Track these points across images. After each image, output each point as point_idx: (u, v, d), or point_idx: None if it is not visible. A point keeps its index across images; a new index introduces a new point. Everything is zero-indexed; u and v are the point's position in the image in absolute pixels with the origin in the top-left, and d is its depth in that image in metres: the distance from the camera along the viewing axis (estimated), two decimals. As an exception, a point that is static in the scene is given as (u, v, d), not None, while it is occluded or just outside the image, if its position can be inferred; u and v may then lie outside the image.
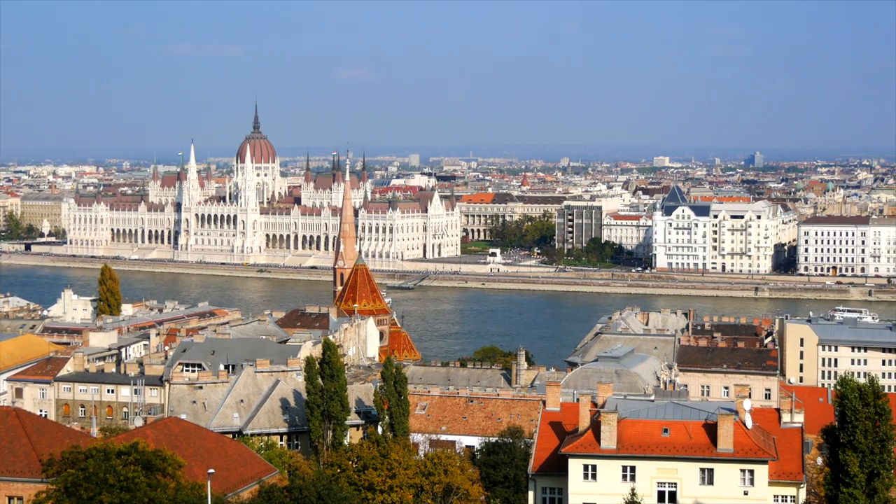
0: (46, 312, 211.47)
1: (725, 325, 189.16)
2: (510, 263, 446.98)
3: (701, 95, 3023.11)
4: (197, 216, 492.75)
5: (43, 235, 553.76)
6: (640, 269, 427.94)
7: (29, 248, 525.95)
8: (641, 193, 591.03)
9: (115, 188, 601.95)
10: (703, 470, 73.30)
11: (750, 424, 74.95)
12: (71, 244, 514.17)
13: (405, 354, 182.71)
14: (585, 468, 73.93)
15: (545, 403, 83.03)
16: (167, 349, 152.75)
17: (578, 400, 78.28)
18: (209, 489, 75.41)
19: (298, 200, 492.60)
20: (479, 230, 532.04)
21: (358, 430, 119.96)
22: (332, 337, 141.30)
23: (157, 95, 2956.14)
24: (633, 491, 71.30)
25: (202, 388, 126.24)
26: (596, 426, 74.26)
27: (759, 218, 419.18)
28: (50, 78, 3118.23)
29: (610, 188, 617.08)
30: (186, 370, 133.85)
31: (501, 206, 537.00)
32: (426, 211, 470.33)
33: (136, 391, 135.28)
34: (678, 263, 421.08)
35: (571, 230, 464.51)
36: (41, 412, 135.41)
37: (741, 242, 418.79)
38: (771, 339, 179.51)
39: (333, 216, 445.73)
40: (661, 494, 73.35)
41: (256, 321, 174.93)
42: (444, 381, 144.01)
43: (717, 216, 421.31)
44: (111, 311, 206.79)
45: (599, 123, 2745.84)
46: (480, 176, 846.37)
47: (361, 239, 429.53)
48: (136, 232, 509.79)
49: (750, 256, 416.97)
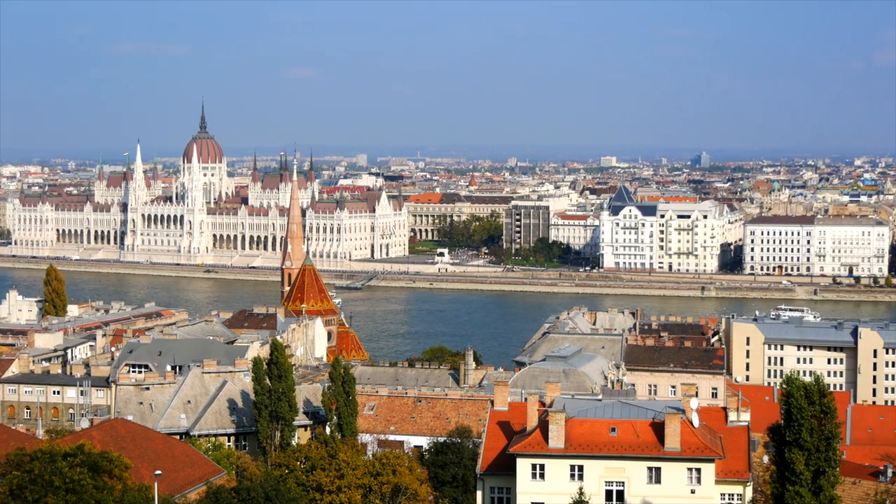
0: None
1: (672, 324, 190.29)
2: (458, 263, 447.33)
3: (647, 96, 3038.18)
4: (143, 216, 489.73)
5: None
6: (587, 268, 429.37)
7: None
8: (589, 193, 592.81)
9: (60, 188, 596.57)
10: (650, 469, 73.49)
11: (697, 423, 75.27)
12: (15, 245, 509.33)
13: (353, 355, 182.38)
14: (533, 467, 73.92)
15: (493, 403, 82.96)
16: (113, 350, 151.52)
17: (526, 399, 78.21)
18: (156, 491, 74.93)
19: (246, 200, 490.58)
20: (426, 230, 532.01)
21: (306, 430, 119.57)
22: (279, 337, 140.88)
23: (102, 95, 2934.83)
24: (580, 490, 71.40)
25: (149, 389, 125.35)
26: (544, 426, 74.28)
27: (705, 218, 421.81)
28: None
29: (557, 188, 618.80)
30: (133, 371, 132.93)
31: (449, 206, 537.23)
32: (374, 211, 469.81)
33: (82, 392, 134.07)
34: (625, 263, 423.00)
35: (519, 230, 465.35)
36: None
37: (688, 242, 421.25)
38: (717, 338, 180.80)
39: (281, 216, 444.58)
40: (608, 493, 73.45)
41: (203, 322, 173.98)
42: (392, 381, 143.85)
43: (663, 216, 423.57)
44: (57, 311, 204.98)
45: (547, 123, 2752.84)
46: (428, 176, 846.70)
47: (309, 239, 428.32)
48: (81, 232, 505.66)
49: (696, 256, 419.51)
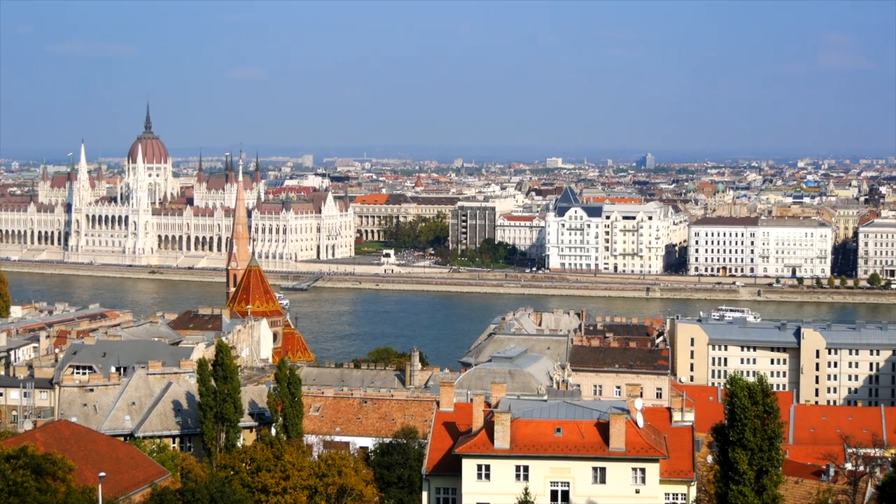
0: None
1: (617, 325, 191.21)
2: (404, 264, 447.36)
3: (593, 97, 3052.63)
4: (88, 217, 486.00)
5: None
6: (533, 269, 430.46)
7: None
8: (534, 194, 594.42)
9: (3, 188, 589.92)
10: (595, 469, 73.76)
11: (641, 423, 75.66)
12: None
13: (299, 356, 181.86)
14: (479, 468, 74.02)
15: (439, 404, 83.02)
16: (57, 352, 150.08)
17: (472, 400, 78.27)
18: (100, 493, 74.43)
19: (191, 201, 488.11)
20: (373, 231, 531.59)
21: (251, 431, 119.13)
22: (225, 338, 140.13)
23: (46, 95, 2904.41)
24: (526, 490, 71.56)
25: (93, 390, 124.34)
26: (489, 426, 74.41)
27: (650, 219, 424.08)
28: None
29: (503, 189, 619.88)
30: (77, 373, 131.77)
31: (395, 206, 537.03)
32: (320, 212, 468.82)
33: (25, 394, 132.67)
34: (571, 264, 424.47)
35: (465, 231, 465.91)
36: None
37: (633, 243, 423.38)
38: (662, 338, 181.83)
39: (226, 217, 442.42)
40: (553, 494, 73.67)
41: (148, 323, 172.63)
42: (338, 382, 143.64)
43: (609, 217, 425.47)
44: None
45: (493, 125, 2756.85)
46: (374, 177, 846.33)
47: (255, 240, 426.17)
48: (24, 233, 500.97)
49: (641, 257, 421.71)
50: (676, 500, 76.54)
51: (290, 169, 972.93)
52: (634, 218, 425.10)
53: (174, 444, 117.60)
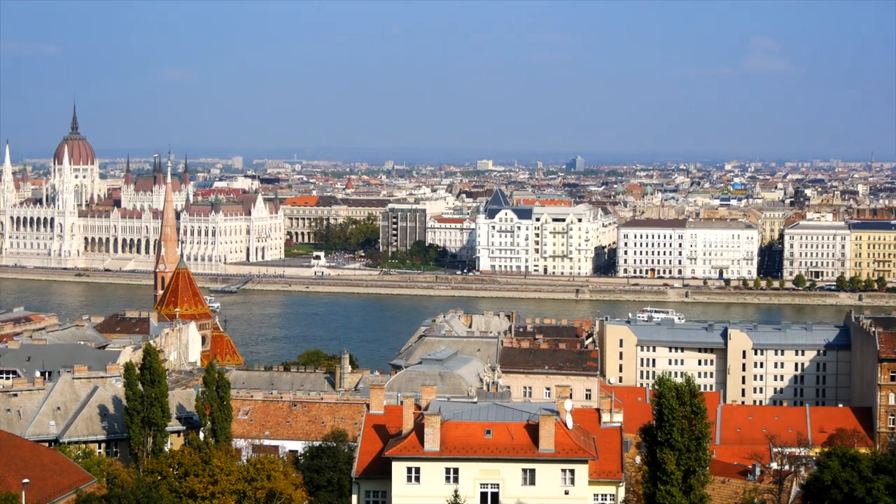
0: None
1: (547, 326, 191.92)
2: (335, 266, 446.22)
3: (523, 99, 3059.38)
4: (12, 219, 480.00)
5: None
6: (463, 271, 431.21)
7: None
8: (465, 196, 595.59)
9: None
10: (524, 470, 74.01)
11: (571, 425, 75.97)
12: None
13: (228, 359, 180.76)
14: (409, 471, 73.98)
15: (369, 406, 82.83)
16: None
17: (402, 403, 78.24)
18: (24, 500, 73.50)
19: (118, 203, 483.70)
20: (303, 233, 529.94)
21: (179, 436, 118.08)
22: (152, 342, 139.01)
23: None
24: (455, 492, 71.63)
25: (17, 395, 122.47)
26: (419, 429, 74.41)
27: (580, 221, 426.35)
28: None
29: (434, 191, 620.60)
30: (0, 377, 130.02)
31: (326, 208, 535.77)
32: (249, 214, 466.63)
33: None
34: (501, 266, 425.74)
35: (396, 233, 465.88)
36: None
37: (562, 245, 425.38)
38: (591, 340, 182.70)
39: (154, 219, 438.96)
40: (483, 495, 73.79)
41: (74, 326, 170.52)
42: (267, 385, 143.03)
43: (539, 219, 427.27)
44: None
45: (424, 126, 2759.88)
46: (305, 178, 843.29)
47: (183, 242, 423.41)
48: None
49: (571, 259, 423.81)
50: (605, 500, 76.92)
51: (219, 171, 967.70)
52: (564, 220, 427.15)
53: (100, 449, 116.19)
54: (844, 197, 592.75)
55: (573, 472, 74.15)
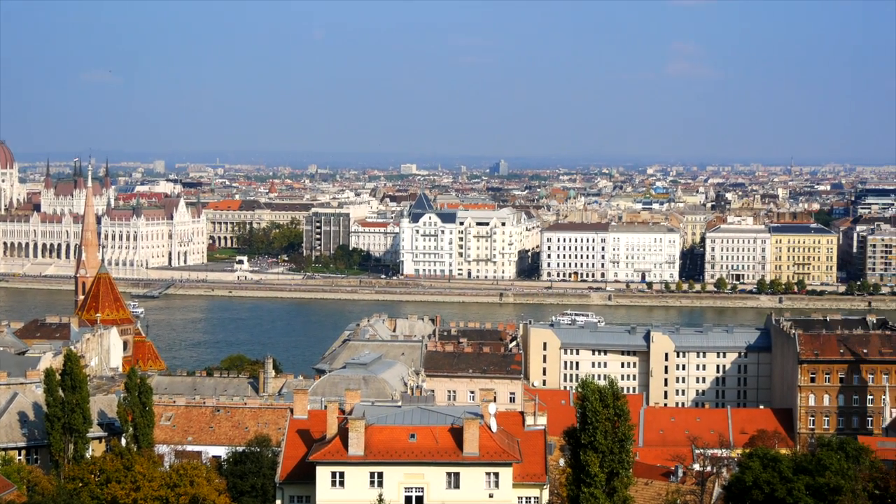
0: None
1: (471, 330, 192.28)
2: (258, 271, 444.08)
3: (446, 103, 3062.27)
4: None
5: None
6: (387, 275, 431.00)
7: None
8: (389, 201, 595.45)
9: None
10: (449, 474, 74.10)
11: (495, 428, 76.14)
12: None
13: (150, 364, 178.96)
14: (333, 475, 73.80)
15: (293, 411, 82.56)
16: None
17: (326, 407, 78.12)
18: (-59, 508, 72.33)
19: (38, 207, 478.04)
20: (226, 237, 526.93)
21: (101, 442, 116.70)
22: (73, 347, 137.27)
23: None
24: (380, 497, 71.58)
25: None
26: (343, 433, 74.28)
27: (503, 225, 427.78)
28: None
29: (358, 195, 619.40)
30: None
31: (249, 213, 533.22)
32: (171, 218, 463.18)
33: None
34: (425, 270, 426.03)
35: (319, 237, 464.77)
36: None
37: (486, 249, 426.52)
38: (515, 343, 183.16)
39: (75, 223, 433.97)
40: (408, 499, 73.80)
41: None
42: (190, 390, 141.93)
43: (462, 223, 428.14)
44: None
45: (347, 130, 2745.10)
46: (227, 183, 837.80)
47: (104, 247, 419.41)
48: None
49: (495, 263, 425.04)
50: (529, 503, 77.18)
51: (141, 175, 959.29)
52: (488, 224, 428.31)
53: (20, 456, 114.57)
54: (765, 201, 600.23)
55: (497, 475, 74.33)
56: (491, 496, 74.32)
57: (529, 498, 77.07)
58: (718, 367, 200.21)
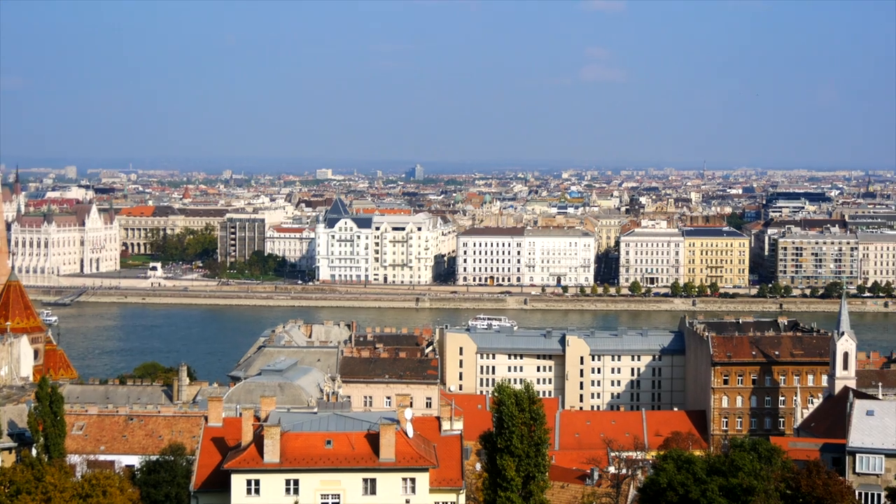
0: None
1: (387, 335, 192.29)
2: (172, 277, 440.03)
3: (362, 108, 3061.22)
4: None
5: None
6: (303, 281, 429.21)
7: None
8: (304, 206, 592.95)
9: None
10: (365, 480, 73.98)
11: (411, 433, 76.08)
12: None
13: (61, 373, 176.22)
14: (248, 483, 73.37)
15: (207, 419, 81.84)
16: None
17: (241, 414, 77.55)
18: None
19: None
20: (139, 244, 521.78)
21: (11, 453, 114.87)
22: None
23: None
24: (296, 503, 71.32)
25: None
26: (259, 440, 73.83)
27: (419, 230, 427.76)
28: None
29: (273, 201, 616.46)
30: None
31: (162, 219, 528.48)
32: (83, 224, 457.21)
33: None
34: (341, 275, 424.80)
35: (234, 243, 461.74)
36: None
37: (402, 254, 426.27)
38: (431, 348, 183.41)
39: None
40: (324, 506, 73.63)
41: None
42: (102, 399, 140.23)
43: (378, 228, 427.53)
44: None
45: (262, 135, 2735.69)
46: (140, 188, 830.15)
47: (14, 254, 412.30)
48: None
49: (411, 268, 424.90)
50: (446, 508, 77.17)
51: (52, 181, 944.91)
52: (404, 229, 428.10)
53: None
54: (678, 204, 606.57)
55: (414, 480, 74.29)
56: (407, 502, 74.27)
57: (446, 503, 77.06)
58: (633, 369, 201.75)
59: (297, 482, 73.43)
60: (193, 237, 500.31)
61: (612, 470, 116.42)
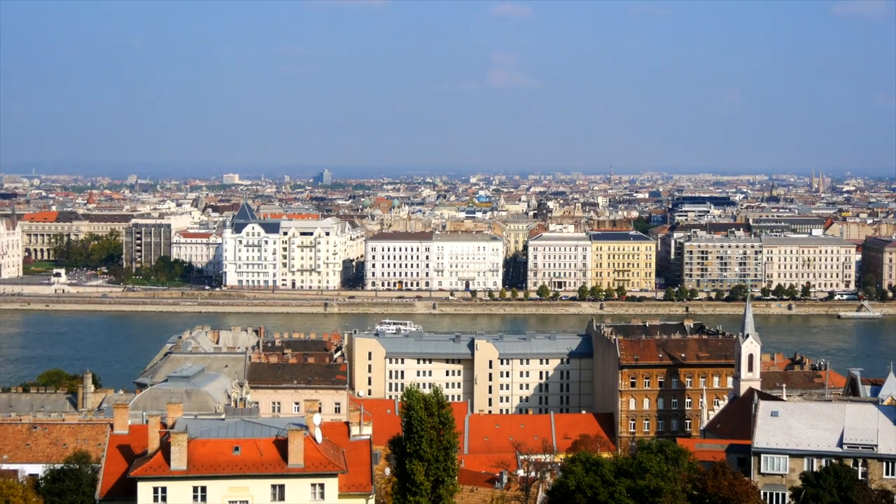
0: None
1: (296, 341, 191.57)
2: (76, 284, 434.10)
3: (269, 113, 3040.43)
4: None
5: None
6: (210, 287, 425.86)
7: None
8: (211, 211, 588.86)
9: None
10: (274, 486, 73.69)
11: (320, 439, 75.85)
12: None
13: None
14: (155, 490, 72.74)
15: (113, 427, 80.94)
16: None
17: (147, 422, 76.79)
18: None
19: None
20: (42, 250, 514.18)
21: None
22: None
23: None
24: (203, 511, 70.79)
25: None
26: (165, 448, 73.18)
27: (327, 235, 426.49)
28: None
29: (179, 206, 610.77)
30: None
31: (66, 224, 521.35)
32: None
33: None
34: (249, 281, 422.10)
35: (140, 249, 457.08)
36: None
37: (310, 259, 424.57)
38: (340, 353, 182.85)
39: None
40: (232, 513, 73.16)
41: None
42: (5, 407, 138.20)
43: (286, 233, 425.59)
44: None
45: (168, 140, 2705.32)
46: (44, 193, 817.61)
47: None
48: None
49: (319, 272, 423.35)
50: (355, 513, 77.00)
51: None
52: (312, 234, 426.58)
53: None
54: (585, 209, 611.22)
55: (323, 486, 74.10)
56: (317, 507, 74.02)
57: (355, 508, 76.93)
58: (542, 373, 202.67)
59: (204, 489, 72.90)
60: (98, 243, 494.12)
61: (520, 473, 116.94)
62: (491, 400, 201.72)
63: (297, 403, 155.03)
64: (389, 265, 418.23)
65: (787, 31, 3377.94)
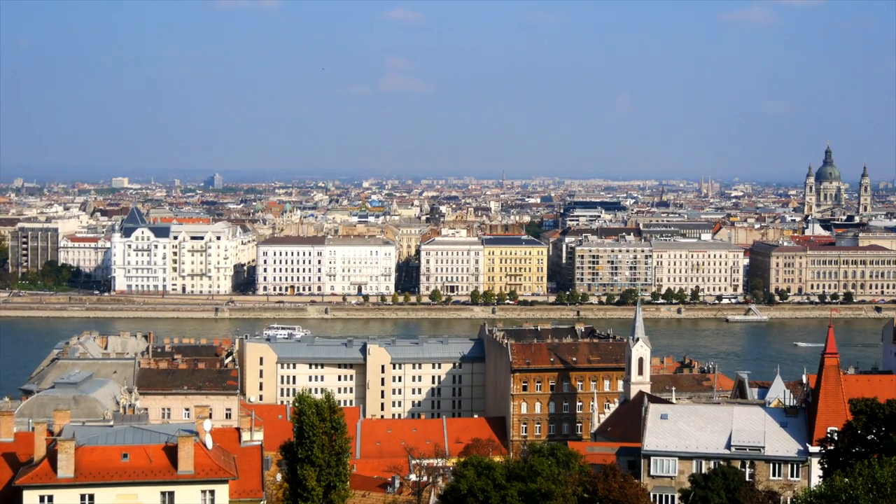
0: None
1: (186, 346, 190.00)
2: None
3: (160, 116, 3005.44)
4: None
5: None
6: (99, 291, 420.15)
7: None
8: (100, 215, 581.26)
9: None
10: (163, 493, 73.03)
11: (210, 445, 75.29)
12: None
13: None
14: (41, 499, 71.78)
15: (-2, 434, 79.51)
16: None
17: (33, 429, 75.61)
18: None
19: None
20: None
21: None
22: None
23: None
24: (92, 519, 69.87)
25: None
26: (52, 455, 72.15)
27: (218, 239, 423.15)
28: None
29: (67, 209, 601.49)
30: None
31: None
32: None
33: None
34: (138, 285, 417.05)
35: (26, 253, 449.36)
36: None
37: (201, 263, 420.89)
38: (231, 358, 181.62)
39: None
40: (121, 521, 72.27)
41: None
42: None
43: (176, 237, 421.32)
44: None
45: (56, 143, 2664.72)
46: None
47: None
48: None
49: (210, 277, 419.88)
50: (246, 520, 76.54)
51: None
52: (202, 238, 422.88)
53: None
54: (478, 213, 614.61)
55: (213, 492, 73.60)
56: (207, 514, 73.44)
57: (246, 514, 76.47)
58: (434, 377, 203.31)
59: (92, 497, 72.06)
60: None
61: (413, 477, 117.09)
62: (383, 405, 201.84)
63: (187, 409, 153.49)
64: (281, 270, 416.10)
65: (675, 37, 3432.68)
